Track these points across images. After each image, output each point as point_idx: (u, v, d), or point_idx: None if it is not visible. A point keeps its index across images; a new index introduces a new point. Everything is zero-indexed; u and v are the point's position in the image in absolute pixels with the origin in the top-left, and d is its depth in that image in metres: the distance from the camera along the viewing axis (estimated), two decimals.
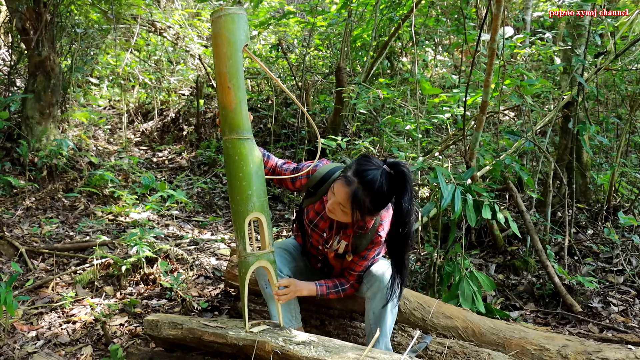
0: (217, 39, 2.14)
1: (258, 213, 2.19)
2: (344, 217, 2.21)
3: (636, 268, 3.71)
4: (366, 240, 2.36)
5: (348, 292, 2.48)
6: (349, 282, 2.47)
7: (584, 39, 4.01)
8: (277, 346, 2.14)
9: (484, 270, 3.78)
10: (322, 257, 2.60)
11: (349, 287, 2.47)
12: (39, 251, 3.83)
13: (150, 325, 2.45)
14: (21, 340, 2.84)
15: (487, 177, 4.01)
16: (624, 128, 4.41)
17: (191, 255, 3.90)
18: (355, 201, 2.10)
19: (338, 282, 2.46)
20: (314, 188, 2.45)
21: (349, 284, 2.46)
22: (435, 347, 2.49)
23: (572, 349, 2.41)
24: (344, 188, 2.13)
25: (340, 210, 2.18)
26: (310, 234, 2.53)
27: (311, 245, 2.61)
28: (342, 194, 2.13)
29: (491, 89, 3.27)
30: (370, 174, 2.10)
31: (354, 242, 2.39)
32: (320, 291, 2.41)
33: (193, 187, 5.71)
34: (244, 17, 2.16)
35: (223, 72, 2.14)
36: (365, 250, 2.39)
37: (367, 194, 2.10)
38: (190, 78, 7.82)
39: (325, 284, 2.43)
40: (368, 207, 2.13)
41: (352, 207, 2.12)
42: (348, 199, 2.11)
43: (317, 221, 2.46)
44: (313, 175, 2.45)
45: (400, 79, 6.43)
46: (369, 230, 2.35)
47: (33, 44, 4.99)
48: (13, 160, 4.99)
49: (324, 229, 2.46)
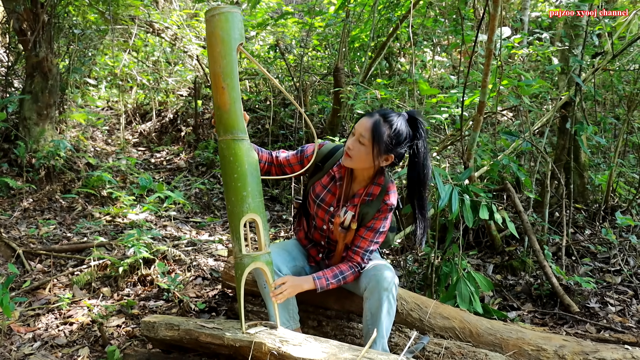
0: (211, 39, 2.12)
1: (253, 214, 2.18)
2: (361, 154, 2.28)
3: (633, 268, 3.71)
4: (373, 208, 2.41)
5: (349, 279, 2.43)
6: (351, 265, 2.43)
7: (582, 39, 4.01)
8: (273, 347, 2.13)
9: (481, 270, 3.78)
10: (325, 241, 2.60)
11: (349, 274, 2.42)
12: (36, 252, 3.83)
13: (147, 327, 2.45)
14: (18, 341, 2.83)
15: (484, 177, 4.01)
16: (622, 128, 4.41)
17: (189, 256, 3.89)
18: (376, 131, 2.24)
19: (338, 270, 2.42)
20: (322, 162, 2.52)
21: (349, 270, 2.42)
22: (433, 348, 2.49)
23: (570, 349, 2.41)
24: (366, 119, 2.28)
25: (358, 146, 2.28)
26: (316, 211, 2.54)
27: (315, 229, 2.62)
28: (365, 123, 2.27)
29: (488, 90, 3.27)
30: (391, 114, 2.30)
31: (361, 210, 2.42)
32: (320, 284, 2.37)
33: (191, 187, 5.71)
34: (238, 16, 2.13)
35: (217, 72, 2.13)
36: (372, 220, 2.42)
37: (388, 127, 2.25)
38: (188, 79, 7.82)
39: (324, 276, 2.39)
40: (386, 142, 2.25)
41: (372, 137, 2.24)
42: (369, 128, 2.25)
43: (323, 195, 2.49)
44: (321, 149, 2.53)
45: (398, 79, 6.43)
46: (376, 197, 2.40)
47: (30, 44, 4.98)
48: (10, 162, 4.99)
49: (330, 203, 2.48)
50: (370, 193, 2.42)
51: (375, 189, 2.42)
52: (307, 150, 2.52)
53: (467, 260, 3.63)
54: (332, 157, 2.51)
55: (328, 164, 2.51)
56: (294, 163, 2.53)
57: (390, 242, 2.77)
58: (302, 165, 2.53)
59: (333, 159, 2.50)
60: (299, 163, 2.53)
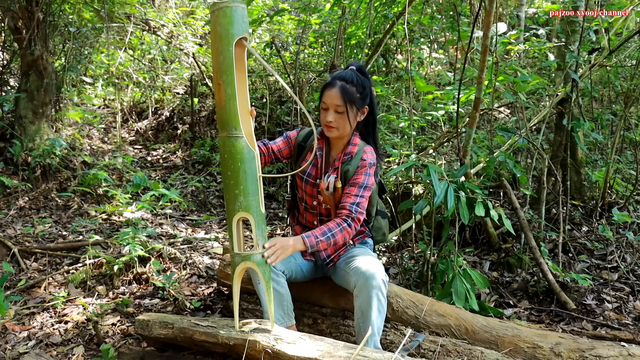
0: (212, 34, 2.10)
1: (245, 213, 2.15)
2: (344, 121, 2.45)
3: (630, 265, 3.71)
4: (352, 166, 2.50)
5: (338, 237, 2.37)
6: (339, 222, 2.40)
7: (578, 35, 4.00)
8: (268, 345, 2.12)
9: (478, 267, 3.77)
10: (317, 219, 2.65)
11: (338, 231, 2.38)
12: (31, 251, 3.81)
13: (141, 325, 2.44)
14: (12, 340, 2.82)
15: (481, 174, 4.00)
16: (619, 124, 4.41)
17: (184, 254, 3.88)
18: (345, 94, 2.40)
19: (326, 227, 2.38)
20: (303, 141, 2.66)
21: (337, 228, 2.38)
22: (428, 346, 2.48)
23: (565, 346, 2.41)
24: (331, 91, 2.43)
25: (336, 115, 2.43)
26: (305, 189, 2.63)
27: (306, 210, 2.69)
28: (333, 94, 2.42)
29: (484, 86, 3.26)
30: (344, 72, 2.46)
31: (342, 169, 2.51)
32: (310, 242, 2.31)
33: (187, 185, 5.69)
34: (239, 11, 2.06)
35: (215, 67, 2.10)
36: (354, 176, 2.50)
37: (352, 84, 2.42)
38: (184, 77, 7.80)
39: (312, 234, 2.34)
40: (357, 97, 2.43)
41: (344, 101, 2.41)
42: (339, 95, 2.40)
43: (309, 170, 2.61)
44: (301, 131, 2.70)
45: (395, 76, 6.42)
46: (354, 155, 2.52)
47: (26, 43, 4.97)
48: (6, 160, 4.97)
49: (316, 176, 2.60)
50: (348, 152, 2.54)
51: (352, 148, 2.54)
52: (290, 135, 2.71)
53: (463, 257, 3.62)
54: (312, 135, 2.64)
55: (309, 142, 2.65)
56: (283, 147, 2.69)
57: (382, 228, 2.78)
58: (289, 148, 2.71)
59: (312, 137, 2.61)
60: (287, 147, 2.70)
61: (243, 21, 2.09)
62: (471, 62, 5.06)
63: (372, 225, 2.74)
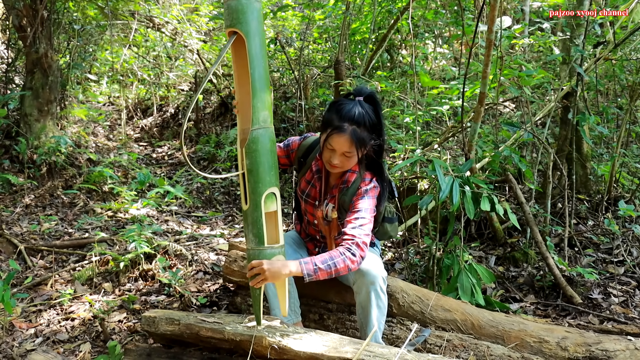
0: None
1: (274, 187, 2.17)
2: (349, 163, 2.29)
3: (637, 259, 3.69)
4: (349, 196, 2.36)
5: (340, 267, 2.16)
6: (342, 251, 2.19)
7: (583, 28, 3.97)
8: (274, 341, 2.13)
9: (483, 262, 3.77)
10: (320, 235, 2.59)
11: (340, 260, 2.16)
12: (38, 248, 3.83)
13: (148, 322, 2.45)
14: (20, 337, 2.84)
15: (486, 169, 3.99)
16: (624, 118, 4.38)
17: (190, 250, 3.89)
18: (358, 141, 2.20)
19: (328, 255, 2.17)
20: (303, 157, 2.52)
21: (340, 256, 2.16)
22: (434, 340, 2.49)
23: (572, 340, 2.41)
24: (341, 137, 2.20)
25: (345, 158, 2.26)
26: (305, 207, 2.56)
27: (308, 223, 2.61)
28: (343, 142, 2.21)
29: (489, 81, 3.25)
30: (353, 111, 2.20)
31: (339, 199, 2.40)
32: (307, 270, 2.11)
33: (192, 182, 5.70)
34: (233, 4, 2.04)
35: None
36: (351, 204, 2.35)
37: (363, 129, 2.21)
38: (189, 73, 7.80)
39: (311, 261, 2.14)
40: (368, 138, 2.24)
41: (356, 147, 2.21)
42: (351, 144, 2.20)
43: (308, 190, 2.50)
44: (302, 143, 2.54)
45: (399, 71, 6.40)
46: (352, 184, 2.37)
47: (30, 40, 4.98)
48: (12, 158, 4.99)
49: (315, 197, 2.49)
50: (346, 180, 2.39)
51: (350, 175, 2.39)
52: (292, 145, 2.57)
53: (468, 252, 3.62)
54: (313, 152, 2.50)
55: (310, 159, 2.51)
56: (281, 156, 2.55)
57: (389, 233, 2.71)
58: (288, 158, 2.58)
59: (314, 153, 2.50)
60: (285, 157, 2.58)
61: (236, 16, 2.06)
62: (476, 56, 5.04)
63: (376, 230, 2.61)
